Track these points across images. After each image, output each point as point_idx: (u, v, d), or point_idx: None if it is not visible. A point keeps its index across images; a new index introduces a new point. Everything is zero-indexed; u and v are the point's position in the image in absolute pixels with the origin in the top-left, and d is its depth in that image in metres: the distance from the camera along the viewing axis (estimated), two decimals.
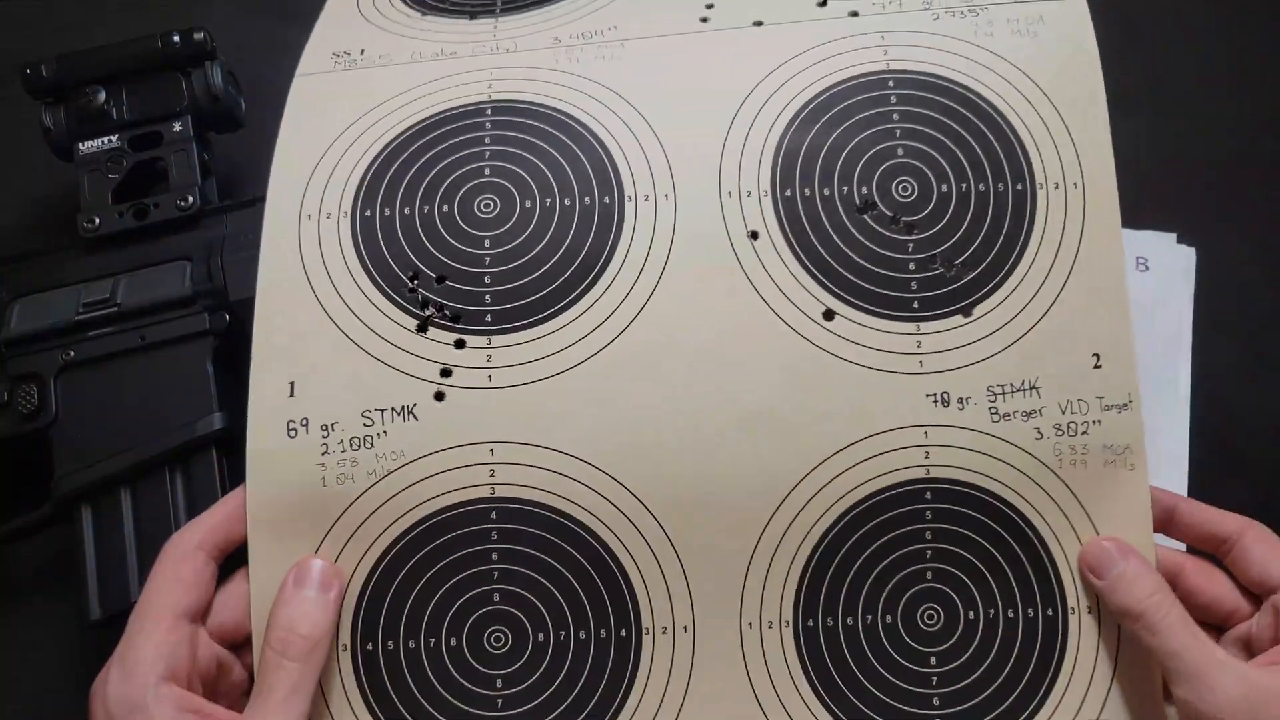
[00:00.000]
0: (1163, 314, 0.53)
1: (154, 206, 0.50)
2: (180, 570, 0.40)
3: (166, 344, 0.48)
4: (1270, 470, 0.52)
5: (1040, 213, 0.44)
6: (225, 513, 0.42)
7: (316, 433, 0.43)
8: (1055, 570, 0.43)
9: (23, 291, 0.50)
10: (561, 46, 0.48)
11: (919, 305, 0.44)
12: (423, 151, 0.46)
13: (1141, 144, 0.56)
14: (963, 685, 0.42)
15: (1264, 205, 0.56)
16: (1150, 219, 0.55)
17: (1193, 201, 0.56)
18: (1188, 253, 0.54)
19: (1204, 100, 0.58)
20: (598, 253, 0.44)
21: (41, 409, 0.47)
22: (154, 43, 0.52)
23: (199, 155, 0.52)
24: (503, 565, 0.42)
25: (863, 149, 0.45)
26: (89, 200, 0.51)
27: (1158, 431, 0.51)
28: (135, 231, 0.50)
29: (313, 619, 0.40)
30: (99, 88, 0.51)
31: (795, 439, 0.43)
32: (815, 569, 0.43)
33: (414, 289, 0.44)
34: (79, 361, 0.48)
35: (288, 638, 0.40)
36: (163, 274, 0.49)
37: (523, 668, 0.42)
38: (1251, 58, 0.59)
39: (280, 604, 0.41)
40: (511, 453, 0.43)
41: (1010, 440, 0.43)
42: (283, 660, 0.39)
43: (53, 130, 0.52)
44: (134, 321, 0.49)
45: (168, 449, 0.46)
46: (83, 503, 0.47)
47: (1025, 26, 0.47)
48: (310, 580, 0.41)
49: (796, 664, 0.42)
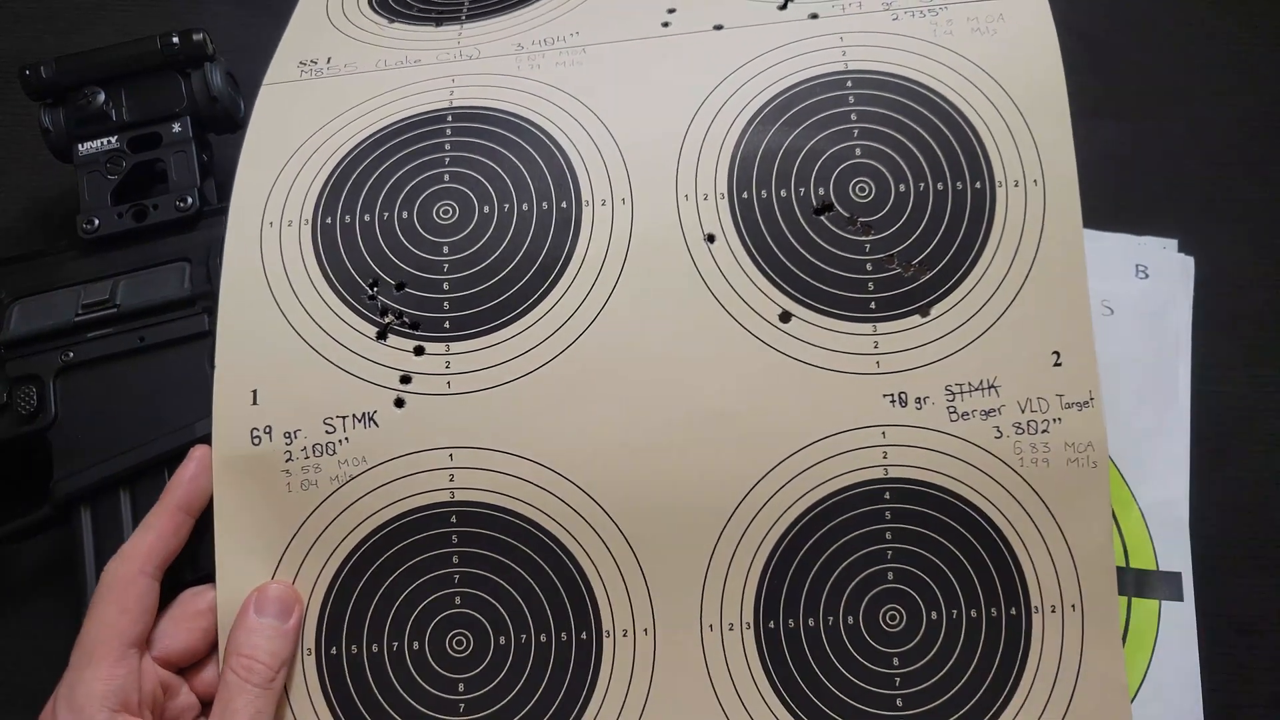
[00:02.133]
0: (1162, 321, 0.53)
1: (153, 208, 0.50)
2: (124, 599, 0.40)
3: (166, 345, 0.48)
4: (1270, 470, 0.52)
5: (999, 211, 0.44)
6: (159, 530, 0.42)
7: (280, 440, 0.43)
8: (1019, 569, 0.43)
9: (22, 293, 0.50)
10: (524, 53, 0.49)
11: (876, 306, 0.44)
12: (384, 159, 0.46)
13: (1143, 149, 0.56)
14: (926, 686, 0.42)
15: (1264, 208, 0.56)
16: (1150, 226, 0.54)
17: (1192, 206, 0.55)
18: (1186, 261, 0.54)
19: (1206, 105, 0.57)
20: (555, 258, 0.44)
21: (41, 410, 0.47)
22: (153, 44, 0.52)
23: (198, 156, 0.52)
24: (463, 569, 0.43)
25: (820, 150, 0.45)
26: (88, 201, 0.51)
27: (1158, 433, 0.51)
28: (134, 233, 0.50)
29: (272, 649, 0.41)
30: (98, 89, 0.51)
31: (752, 441, 0.43)
32: (775, 570, 0.43)
33: (374, 296, 0.45)
34: (78, 363, 0.48)
35: (250, 665, 0.41)
36: (162, 275, 0.50)
37: (485, 671, 0.43)
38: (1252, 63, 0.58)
39: (242, 629, 0.41)
40: (470, 457, 0.43)
41: (969, 439, 0.43)
42: (246, 685, 0.40)
43: (52, 131, 0.52)
44: (133, 323, 0.49)
45: (167, 450, 0.46)
46: (82, 503, 0.47)
47: (985, 24, 0.47)
48: (268, 608, 0.42)
49: (758, 666, 0.43)
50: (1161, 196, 0.55)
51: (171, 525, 0.42)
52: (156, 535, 0.42)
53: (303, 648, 0.43)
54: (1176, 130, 0.56)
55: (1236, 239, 0.54)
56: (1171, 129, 0.56)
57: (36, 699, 0.41)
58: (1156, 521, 0.50)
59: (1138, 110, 0.56)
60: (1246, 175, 0.56)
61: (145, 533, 0.42)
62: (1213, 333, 0.53)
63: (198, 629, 0.42)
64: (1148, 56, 0.58)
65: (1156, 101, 0.57)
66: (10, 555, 0.53)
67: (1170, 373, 0.52)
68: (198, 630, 0.42)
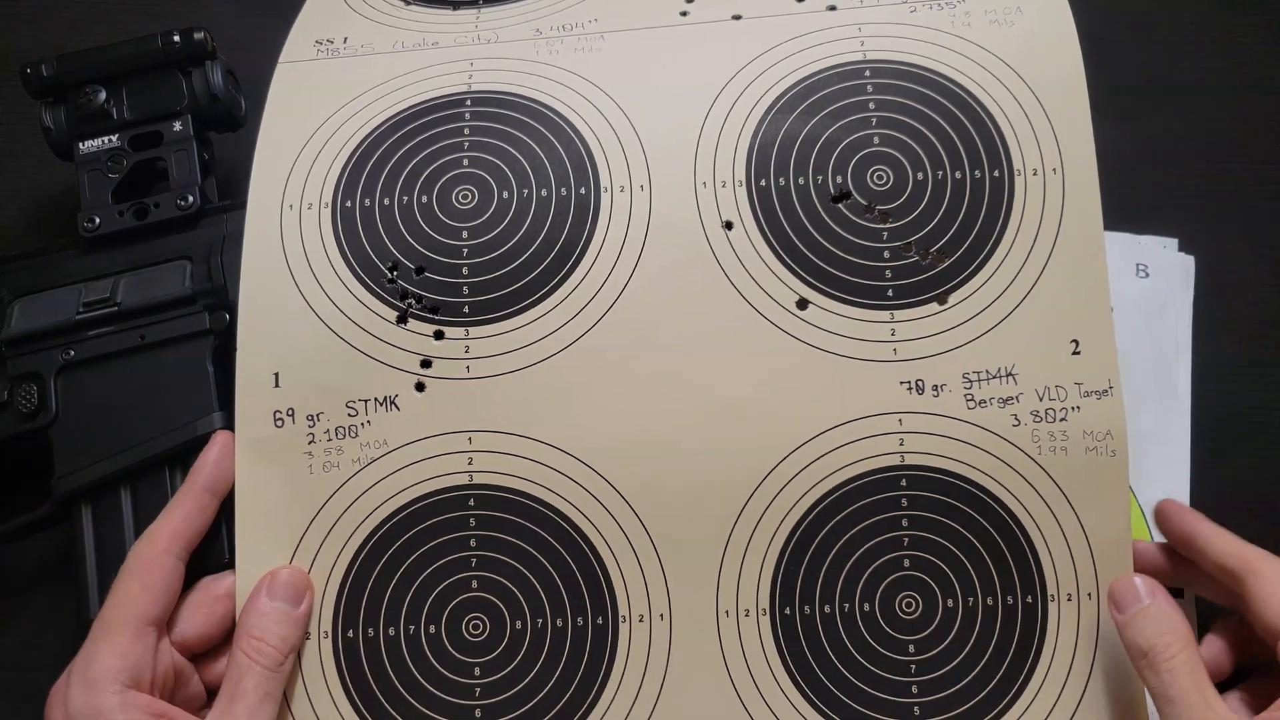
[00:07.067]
0: (1162, 320, 0.53)
1: (154, 206, 0.50)
2: (149, 577, 0.41)
3: (167, 343, 0.48)
4: (1270, 470, 0.52)
5: (1018, 199, 0.44)
6: (185, 511, 0.42)
7: (303, 422, 0.43)
8: (1035, 557, 0.43)
9: (23, 291, 0.50)
10: (542, 38, 0.49)
11: (894, 293, 0.44)
12: (403, 142, 0.46)
13: (1143, 149, 0.56)
14: (941, 673, 0.42)
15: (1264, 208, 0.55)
16: (1150, 225, 0.54)
17: (1193, 205, 0.55)
18: (1187, 260, 0.54)
19: (1206, 105, 0.57)
20: (573, 244, 0.45)
21: (41, 408, 0.47)
22: (154, 42, 0.51)
23: (199, 155, 0.51)
24: (481, 553, 0.43)
25: (838, 138, 0.45)
26: (89, 200, 0.51)
27: (1158, 433, 0.51)
28: (135, 231, 0.50)
29: (281, 633, 0.41)
30: (99, 87, 0.51)
31: (768, 427, 0.43)
32: (791, 557, 0.43)
33: (393, 280, 0.45)
34: (79, 361, 0.48)
35: (260, 647, 0.41)
36: (163, 273, 0.49)
37: (500, 656, 0.43)
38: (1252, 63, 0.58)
39: (253, 611, 0.42)
40: (489, 441, 0.43)
41: (987, 427, 0.43)
42: (254, 666, 0.40)
43: (53, 130, 0.52)
44: (134, 321, 0.49)
45: (168, 449, 0.46)
46: (82, 502, 0.47)
47: (1003, 16, 0.47)
48: (279, 592, 0.42)
49: (774, 652, 0.43)
50: (1161, 196, 0.55)
51: (197, 507, 0.43)
52: (182, 516, 0.42)
53: (319, 630, 0.43)
54: (1176, 130, 0.56)
55: (1236, 239, 0.54)
56: (1171, 129, 0.56)
57: (36, 698, 0.40)
58: None
59: (1138, 110, 0.56)
60: (1247, 175, 0.56)
61: (171, 514, 0.42)
62: (1213, 332, 0.53)
63: (215, 614, 0.42)
64: (1148, 56, 0.58)
65: (1156, 101, 0.57)
66: (11, 554, 0.52)
67: (1170, 372, 0.52)
68: (215, 615, 0.42)
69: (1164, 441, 0.51)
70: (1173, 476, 0.51)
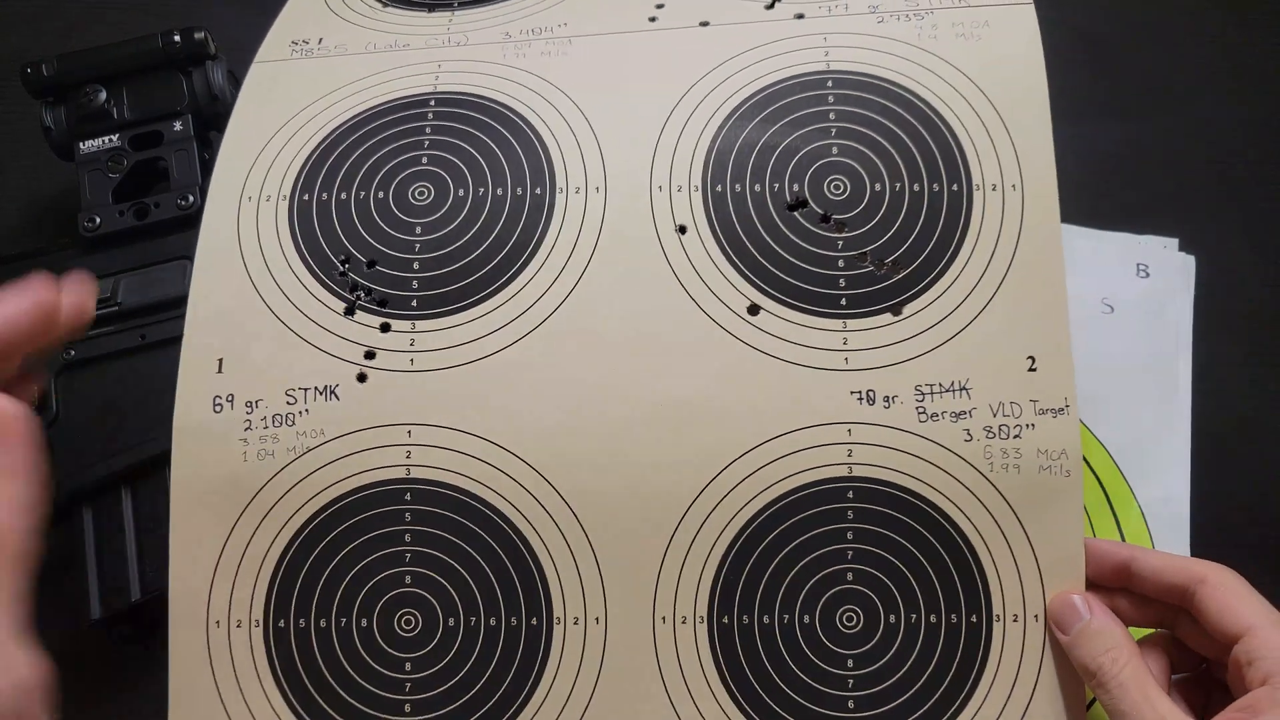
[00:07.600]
0: (1162, 320, 0.53)
1: (154, 206, 0.51)
2: None
3: (167, 343, 0.48)
4: (1270, 470, 0.51)
5: (976, 214, 0.44)
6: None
7: (241, 409, 0.43)
8: (982, 575, 0.42)
9: None
10: (511, 41, 0.49)
11: (847, 302, 0.43)
12: (364, 140, 0.47)
13: (1143, 149, 0.55)
14: (880, 689, 0.41)
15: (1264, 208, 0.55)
16: (1151, 225, 0.54)
17: (1193, 205, 0.55)
18: (1187, 260, 0.53)
19: (1206, 105, 0.57)
20: (525, 242, 0.45)
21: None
22: (154, 42, 0.52)
23: (199, 155, 0.52)
24: (415, 547, 0.42)
25: (796, 147, 0.45)
26: (89, 199, 0.51)
27: (1158, 431, 0.51)
28: (136, 231, 0.51)
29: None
30: (99, 87, 0.52)
31: (714, 432, 0.42)
32: (731, 565, 0.42)
33: (344, 272, 0.45)
34: (79, 361, 0.48)
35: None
36: (163, 273, 0.50)
37: (432, 652, 0.42)
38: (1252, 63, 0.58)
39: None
40: (429, 435, 0.43)
41: (938, 441, 0.42)
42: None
43: (53, 130, 0.52)
44: (134, 321, 0.49)
45: (168, 449, 0.46)
46: (83, 501, 0.47)
47: (970, 30, 0.47)
48: None
49: (710, 660, 0.42)
50: (1162, 196, 0.55)
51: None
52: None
53: (250, 619, 0.42)
54: (1176, 130, 0.56)
55: (1236, 239, 0.54)
56: (1171, 129, 0.56)
57: None
58: (1156, 519, 0.50)
59: (1138, 110, 0.56)
60: (1247, 175, 0.55)
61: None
62: (1213, 332, 0.52)
63: None
64: (1148, 56, 0.58)
65: (1156, 101, 0.57)
66: None
67: (1170, 371, 0.52)
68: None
69: (1164, 441, 0.51)
70: (1173, 476, 0.51)
